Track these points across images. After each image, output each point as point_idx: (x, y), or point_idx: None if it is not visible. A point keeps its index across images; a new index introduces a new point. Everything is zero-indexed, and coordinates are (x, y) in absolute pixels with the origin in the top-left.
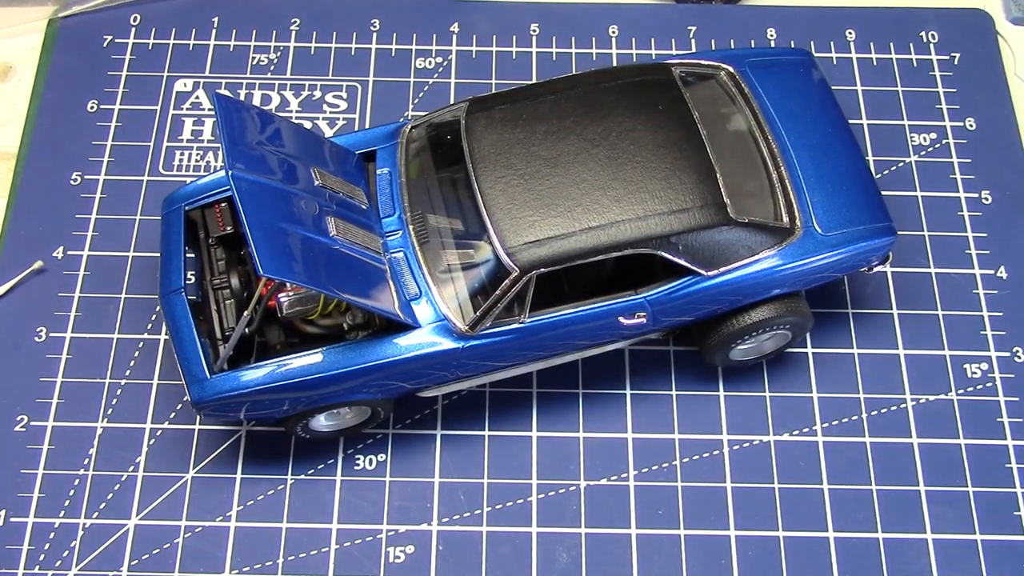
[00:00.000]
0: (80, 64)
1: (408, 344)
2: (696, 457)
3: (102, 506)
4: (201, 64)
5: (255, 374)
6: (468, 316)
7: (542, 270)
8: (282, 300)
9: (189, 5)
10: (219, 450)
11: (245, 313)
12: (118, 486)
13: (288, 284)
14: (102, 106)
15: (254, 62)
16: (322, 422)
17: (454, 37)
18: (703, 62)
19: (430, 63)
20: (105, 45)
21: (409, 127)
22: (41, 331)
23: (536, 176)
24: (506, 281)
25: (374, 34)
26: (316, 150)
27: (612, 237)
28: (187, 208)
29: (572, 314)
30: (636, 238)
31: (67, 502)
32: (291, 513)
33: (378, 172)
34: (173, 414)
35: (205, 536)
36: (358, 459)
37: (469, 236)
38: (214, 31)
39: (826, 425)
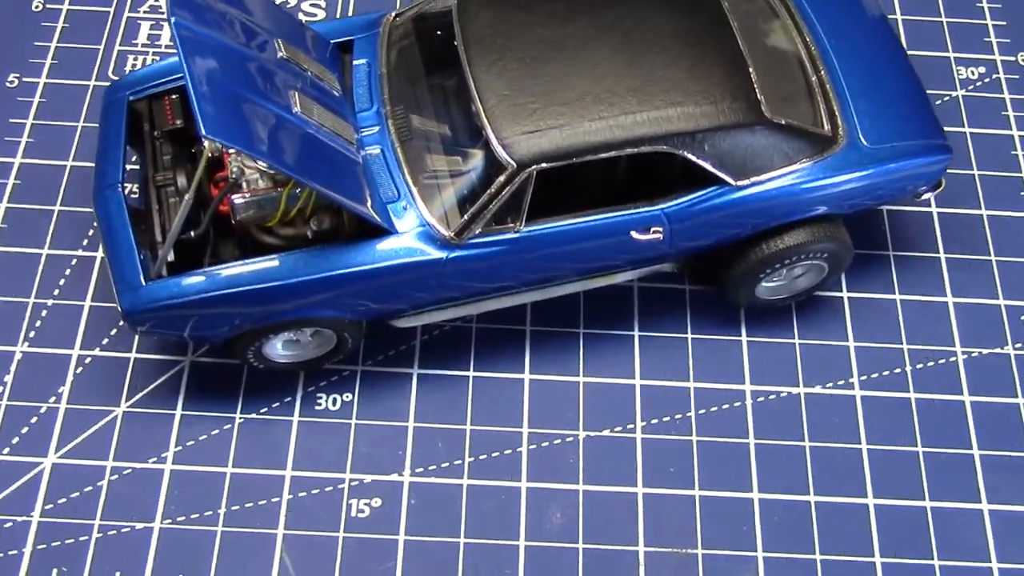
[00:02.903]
0: None
1: (382, 251)
2: (714, 409)
3: (15, 441)
4: None
5: (198, 280)
6: (455, 223)
7: (543, 165)
8: (236, 202)
9: None
10: (157, 382)
11: (185, 199)
12: (35, 419)
13: (244, 185)
14: (48, 6)
15: None
16: (279, 350)
17: None
18: None
19: None
20: None
21: (393, 15)
22: None
23: (539, 60)
24: (501, 177)
25: None
26: (284, 26)
27: (628, 131)
28: (132, 98)
29: (577, 224)
30: (656, 134)
31: None
32: (238, 457)
33: (355, 63)
34: (106, 340)
35: (135, 479)
36: (320, 398)
37: (458, 131)
38: None
39: (864, 378)
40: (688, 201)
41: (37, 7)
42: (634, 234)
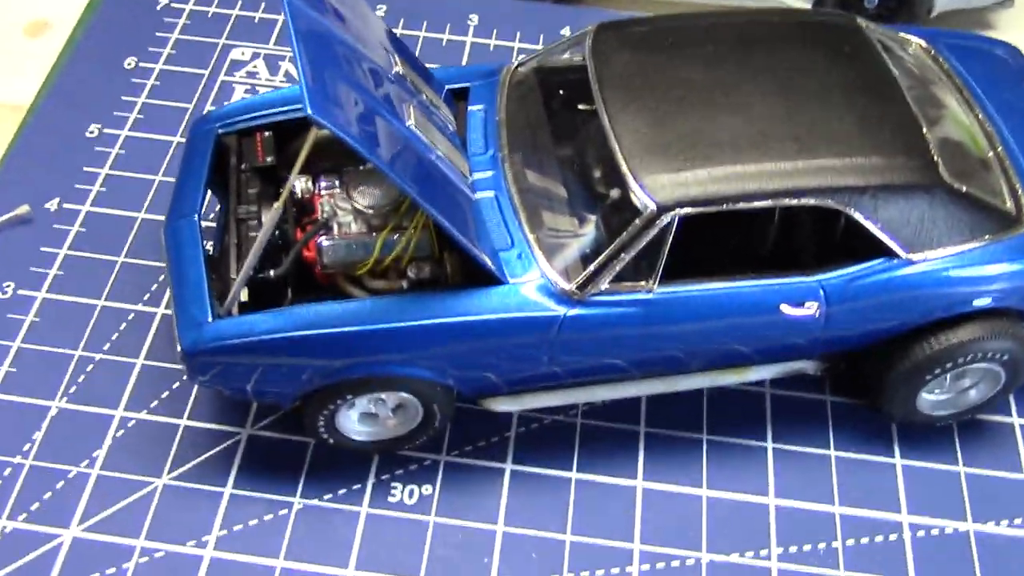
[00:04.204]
0: (126, 22)
1: (492, 302)
2: (865, 540)
3: (34, 507)
4: (265, 36)
5: (271, 319)
6: (577, 277)
7: (687, 210)
8: (324, 244)
9: None
10: (208, 454)
11: (273, 208)
12: (62, 484)
13: (335, 228)
14: (141, 64)
15: None
16: (354, 423)
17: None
18: (890, 31)
19: None
20: (159, 8)
21: (515, 64)
22: (8, 287)
23: (684, 101)
24: (637, 221)
25: (471, 27)
26: (401, 50)
27: (788, 180)
28: (221, 131)
29: (718, 290)
30: (821, 185)
31: None
32: (292, 547)
33: (470, 109)
34: (155, 403)
35: (167, 565)
36: (395, 487)
37: (586, 177)
38: None
39: None
40: (851, 274)
41: (130, 65)
42: (784, 308)
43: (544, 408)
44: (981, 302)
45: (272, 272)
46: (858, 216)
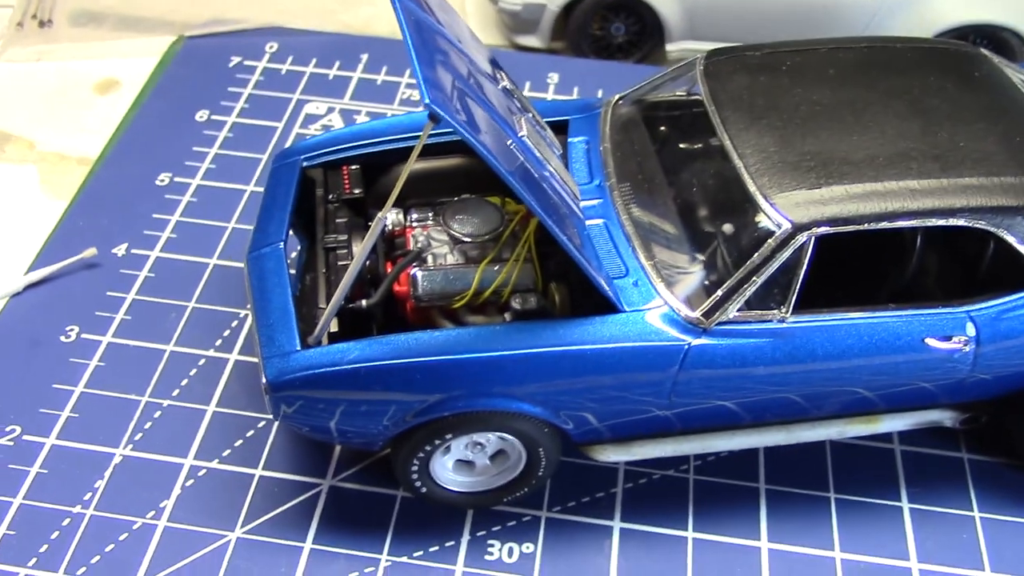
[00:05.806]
0: (197, 78)
1: (611, 332)
2: None
3: (94, 560)
4: (340, 92)
5: (365, 347)
6: (701, 304)
7: (826, 230)
8: (418, 274)
9: (336, 41)
10: (285, 507)
11: (376, 219)
12: (125, 536)
13: (429, 259)
14: (213, 116)
15: (404, 96)
16: (449, 471)
17: None
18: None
19: None
20: (231, 65)
21: (617, 97)
22: (71, 331)
23: (810, 120)
24: (770, 242)
25: (551, 85)
26: (506, 73)
27: (934, 199)
28: (305, 164)
29: (859, 319)
30: (971, 205)
31: (44, 547)
32: None
33: (571, 140)
34: (228, 451)
35: None
36: (492, 545)
37: (705, 201)
38: (361, 65)
39: None
40: (1003, 304)
41: (201, 117)
42: (930, 342)
43: (652, 462)
44: None
45: (364, 302)
46: (1011, 239)
